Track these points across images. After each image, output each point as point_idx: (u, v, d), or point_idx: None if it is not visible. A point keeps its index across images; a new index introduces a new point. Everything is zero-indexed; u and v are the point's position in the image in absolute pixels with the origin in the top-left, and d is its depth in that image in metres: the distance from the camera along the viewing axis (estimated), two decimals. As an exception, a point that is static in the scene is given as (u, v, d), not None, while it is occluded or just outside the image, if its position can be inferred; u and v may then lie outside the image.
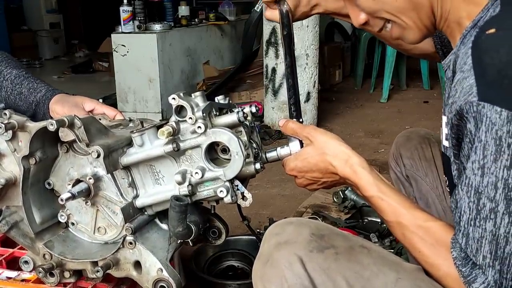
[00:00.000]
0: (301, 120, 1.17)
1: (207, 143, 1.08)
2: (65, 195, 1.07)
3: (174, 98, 1.08)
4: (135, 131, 1.11)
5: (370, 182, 1.00)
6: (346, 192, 2.51)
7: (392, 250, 1.95)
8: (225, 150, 1.11)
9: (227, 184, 1.08)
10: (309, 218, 2.40)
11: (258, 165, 1.11)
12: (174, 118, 1.10)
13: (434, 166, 1.46)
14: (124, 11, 4.08)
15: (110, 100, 4.32)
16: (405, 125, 4.30)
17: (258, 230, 2.18)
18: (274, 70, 3.88)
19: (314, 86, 3.94)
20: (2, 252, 1.34)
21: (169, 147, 1.07)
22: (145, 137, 1.11)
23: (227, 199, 1.08)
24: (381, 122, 4.31)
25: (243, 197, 1.11)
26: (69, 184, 1.15)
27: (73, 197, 1.09)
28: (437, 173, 1.45)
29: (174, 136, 1.08)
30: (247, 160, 1.08)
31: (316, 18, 3.86)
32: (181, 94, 1.09)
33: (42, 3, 8.72)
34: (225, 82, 4.56)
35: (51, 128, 1.05)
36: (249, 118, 1.17)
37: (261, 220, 2.45)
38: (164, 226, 1.20)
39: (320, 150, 1.07)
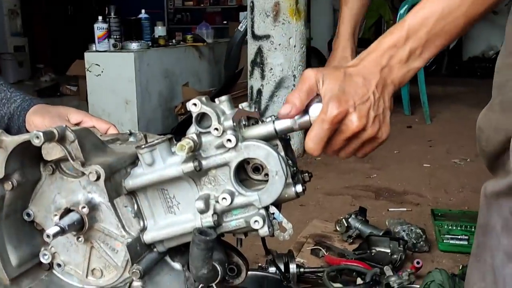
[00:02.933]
0: None
1: (237, 160, 0.85)
2: (52, 230, 0.82)
3: (195, 104, 0.85)
4: (143, 147, 0.87)
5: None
6: (349, 220, 2.32)
7: (417, 287, 1.74)
8: (258, 169, 0.89)
9: (263, 211, 0.86)
10: (312, 249, 2.18)
11: (299, 187, 0.89)
12: (194, 129, 0.87)
13: None
14: (99, 29, 3.85)
15: (82, 124, 4.05)
16: (393, 149, 4.18)
17: (259, 265, 1.95)
18: (259, 91, 3.69)
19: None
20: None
21: (190, 166, 0.84)
22: (156, 153, 0.87)
23: (263, 231, 0.85)
24: (368, 147, 4.14)
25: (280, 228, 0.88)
26: (56, 215, 0.89)
27: (62, 231, 0.83)
28: None
29: (195, 152, 0.85)
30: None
31: (303, 37, 3.71)
32: (203, 99, 0.86)
33: (7, 26, 8.44)
34: (209, 101, 4.35)
35: (37, 142, 0.80)
36: (282, 129, 0.94)
37: (258, 252, 2.21)
38: (177, 265, 0.95)
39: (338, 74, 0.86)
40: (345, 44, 1.23)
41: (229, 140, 0.83)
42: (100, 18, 3.84)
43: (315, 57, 7.18)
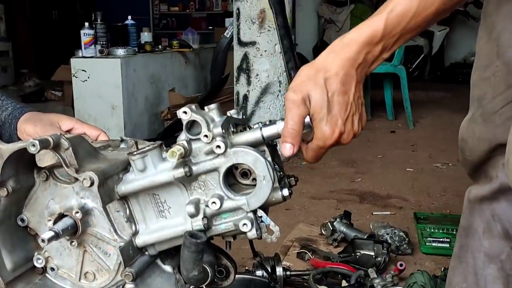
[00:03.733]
0: None
1: (226, 165, 0.88)
2: (47, 234, 0.85)
3: (185, 112, 0.88)
4: (134, 153, 0.90)
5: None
6: (334, 223, 2.36)
7: None
8: (246, 174, 0.92)
9: (251, 215, 0.89)
10: (298, 252, 2.22)
11: (286, 191, 0.92)
12: (184, 136, 0.90)
13: None
14: (85, 35, 3.86)
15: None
16: (377, 154, 4.24)
17: (246, 268, 1.98)
18: (245, 97, 3.73)
19: (286, 114, 3.80)
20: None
21: (180, 172, 0.87)
22: (148, 160, 0.90)
23: (252, 233, 0.88)
24: (353, 151, 4.20)
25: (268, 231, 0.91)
26: (50, 220, 0.92)
27: (57, 236, 0.86)
28: None
29: (185, 158, 0.88)
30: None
31: (288, 44, 3.75)
32: (193, 107, 0.90)
33: (-10, 30, 8.35)
34: (197, 107, 4.37)
35: (33, 150, 0.83)
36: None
37: (245, 256, 2.24)
38: (167, 268, 0.98)
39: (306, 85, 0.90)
40: None
41: (218, 146, 0.87)
42: (86, 24, 3.85)
43: (300, 63, 7.21)
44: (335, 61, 0.90)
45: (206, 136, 0.88)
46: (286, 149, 0.91)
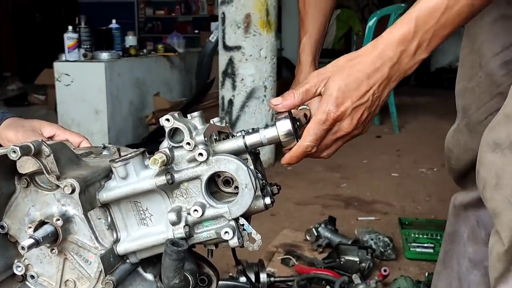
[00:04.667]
0: None
1: (208, 173, 0.88)
2: (27, 242, 0.84)
3: (168, 120, 0.88)
4: (116, 160, 0.90)
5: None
6: (319, 229, 2.36)
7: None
8: (228, 182, 0.92)
9: (233, 223, 0.89)
10: (282, 258, 2.22)
11: (268, 200, 0.92)
12: (167, 143, 0.90)
13: None
14: (69, 38, 3.83)
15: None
16: (362, 159, 4.25)
17: (230, 274, 1.97)
18: (231, 102, 3.73)
19: (272, 119, 3.81)
20: None
21: (162, 179, 0.87)
22: (130, 167, 0.90)
23: (233, 242, 0.88)
24: (338, 157, 4.18)
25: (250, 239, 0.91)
26: (30, 227, 0.91)
27: (37, 243, 0.85)
28: None
29: (167, 165, 0.88)
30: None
31: (273, 49, 3.76)
32: (176, 115, 0.89)
33: (-28, 34, 8.25)
34: (180, 114, 4.36)
35: (14, 156, 0.82)
36: (251, 143, 0.98)
37: (229, 262, 2.23)
38: (149, 276, 0.97)
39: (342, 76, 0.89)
40: (307, 71, 1.28)
41: (200, 154, 0.86)
42: (70, 28, 3.82)
43: (286, 67, 7.25)
44: (370, 56, 0.89)
45: (188, 143, 0.87)
46: (276, 99, 0.93)
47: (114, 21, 4.33)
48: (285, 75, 6.90)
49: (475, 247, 1.32)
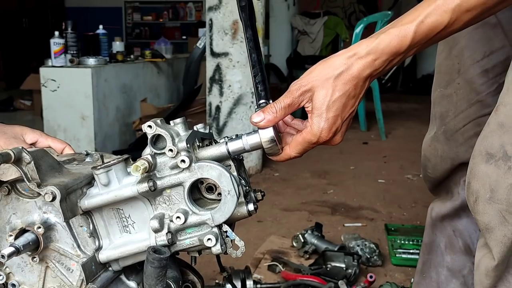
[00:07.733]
0: (270, 101, 0.94)
1: (191, 180, 0.88)
2: (7, 250, 0.83)
3: (150, 126, 0.88)
4: (98, 167, 0.89)
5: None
6: (306, 235, 2.36)
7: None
8: (211, 188, 0.92)
9: (216, 230, 0.89)
10: (269, 265, 2.21)
11: (251, 206, 0.92)
12: (149, 150, 0.89)
13: None
14: (55, 44, 3.80)
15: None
16: (349, 165, 4.27)
17: (216, 281, 1.96)
18: (218, 108, 3.72)
19: (259, 125, 3.81)
20: None
21: (144, 186, 0.86)
22: (112, 174, 0.89)
23: (216, 248, 0.88)
24: (325, 163, 4.23)
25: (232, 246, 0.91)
26: (11, 235, 0.90)
27: (17, 251, 0.84)
28: None
29: (150, 172, 0.87)
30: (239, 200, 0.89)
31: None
32: (158, 121, 0.89)
33: (-41, 38, 8.18)
34: (165, 120, 4.35)
35: (-8, 163, 0.81)
36: (235, 150, 0.98)
37: (215, 269, 2.22)
38: (132, 284, 0.97)
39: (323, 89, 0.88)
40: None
41: (183, 161, 0.86)
42: (56, 33, 3.80)
43: (274, 73, 7.27)
44: (357, 64, 0.87)
45: (171, 150, 0.87)
46: (257, 116, 0.90)
47: (101, 26, 4.31)
48: (272, 81, 6.91)
49: (453, 256, 1.33)
